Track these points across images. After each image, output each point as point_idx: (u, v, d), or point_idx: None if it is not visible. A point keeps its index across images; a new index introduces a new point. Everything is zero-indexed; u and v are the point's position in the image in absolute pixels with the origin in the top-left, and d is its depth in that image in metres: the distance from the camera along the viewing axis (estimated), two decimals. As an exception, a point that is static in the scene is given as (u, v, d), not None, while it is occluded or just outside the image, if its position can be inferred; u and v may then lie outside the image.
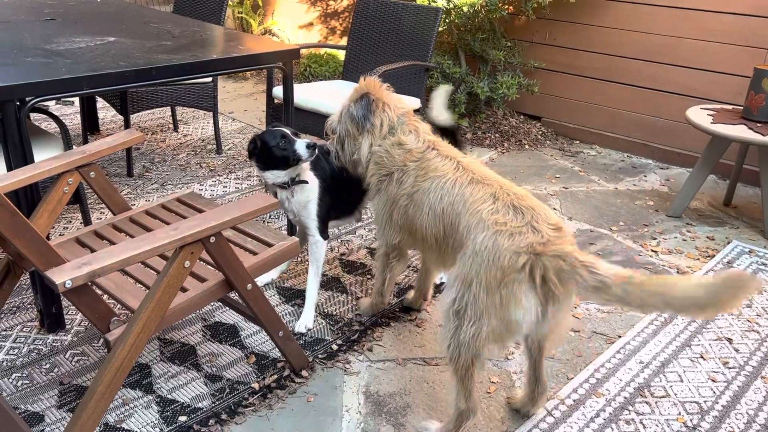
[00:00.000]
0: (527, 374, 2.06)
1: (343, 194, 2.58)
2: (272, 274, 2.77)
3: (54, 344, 2.35)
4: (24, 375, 2.19)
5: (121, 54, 2.47)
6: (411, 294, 2.67)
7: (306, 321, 2.49)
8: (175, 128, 4.67)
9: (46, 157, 2.12)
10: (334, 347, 2.39)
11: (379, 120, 2.18)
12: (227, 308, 2.56)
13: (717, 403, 2.18)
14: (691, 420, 2.10)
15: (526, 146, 4.60)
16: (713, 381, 2.28)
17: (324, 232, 2.53)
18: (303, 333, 2.46)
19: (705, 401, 2.18)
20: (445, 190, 1.96)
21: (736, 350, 2.45)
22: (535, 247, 1.68)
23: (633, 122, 4.52)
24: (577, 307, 2.69)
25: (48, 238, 2.19)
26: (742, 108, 3.47)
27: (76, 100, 5.00)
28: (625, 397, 2.19)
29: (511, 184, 1.92)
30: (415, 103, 3.53)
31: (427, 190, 2.02)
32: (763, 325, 2.60)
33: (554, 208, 3.59)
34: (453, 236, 1.91)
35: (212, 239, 1.77)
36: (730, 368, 2.35)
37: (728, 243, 3.28)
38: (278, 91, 3.40)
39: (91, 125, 4.39)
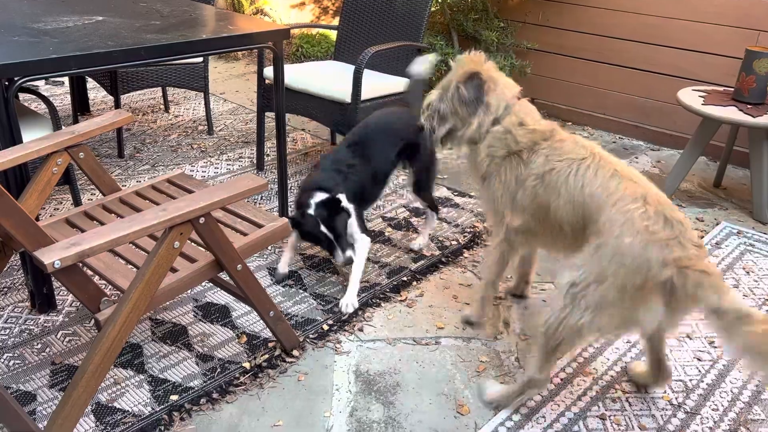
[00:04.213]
0: (649, 358, 2.09)
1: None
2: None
3: (45, 324, 2.36)
4: (15, 355, 2.20)
5: (109, 33, 2.45)
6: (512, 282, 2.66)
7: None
8: (166, 109, 4.64)
9: (35, 138, 2.12)
10: (325, 327, 2.41)
11: (495, 99, 2.12)
12: (219, 289, 2.57)
13: (702, 381, 2.21)
14: (676, 398, 2.13)
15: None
16: (699, 360, 2.31)
17: None
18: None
19: (690, 380, 2.21)
20: (587, 178, 1.91)
21: (722, 330, 2.48)
22: (682, 262, 1.70)
23: (625, 104, 4.52)
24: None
25: (38, 218, 2.19)
26: (733, 89, 3.47)
27: (66, 80, 4.96)
28: (612, 376, 2.22)
29: (657, 189, 1.89)
30: (407, 83, 3.52)
31: (565, 172, 1.96)
32: (750, 306, 2.63)
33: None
34: (590, 227, 1.88)
35: (201, 220, 1.77)
36: (716, 347, 2.38)
37: (717, 224, 3.30)
38: (269, 71, 3.38)
39: (81, 106, 4.36)
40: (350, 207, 2.57)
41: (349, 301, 2.47)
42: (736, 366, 2.28)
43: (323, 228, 2.45)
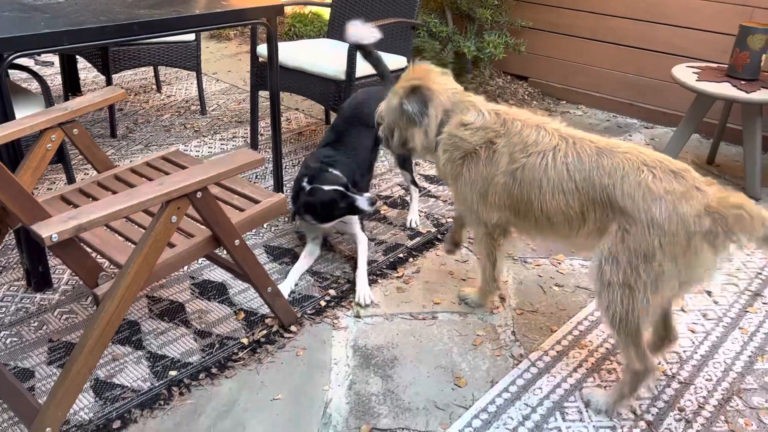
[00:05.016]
0: (655, 325, 2.07)
1: None
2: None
3: (42, 303, 2.35)
4: (12, 333, 2.20)
5: (101, 9, 2.42)
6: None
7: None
8: (158, 89, 4.61)
9: (28, 114, 2.10)
10: (323, 303, 2.42)
11: (432, 109, 2.12)
12: (215, 266, 2.57)
13: (696, 352, 2.24)
14: (670, 369, 2.15)
15: (513, 106, 4.59)
16: (692, 332, 2.34)
17: None
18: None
19: (684, 351, 2.24)
20: (571, 164, 1.89)
21: (716, 302, 2.50)
22: (711, 206, 1.73)
23: (619, 82, 4.52)
24: (561, 263, 2.73)
25: (32, 196, 2.17)
26: (727, 66, 3.48)
27: (57, 60, 4.91)
28: (607, 348, 2.24)
29: (642, 147, 1.90)
30: (401, 61, 3.51)
31: (540, 166, 1.93)
32: (742, 278, 2.66)
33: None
34: (596, 212, 1.87)
35: (198, 194, 1.77)
36: (709, 320, 2.41)
37: (710, 200, 3.32)
38: (262, 49, 3.35)
39: (72, 86, 4.31)
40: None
41: (364, 293, 2.44)
42: (730, 338, 2.31)
43: (327, 187, 2.41)
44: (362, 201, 2.45)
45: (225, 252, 2.02)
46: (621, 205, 1.80)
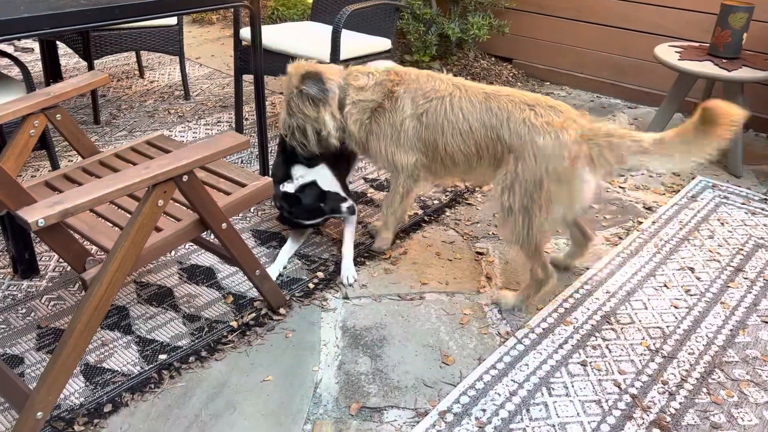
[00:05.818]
0: (571, 236, 2.45)
1: None
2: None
3: (29, 290, 2.35)
4: (0, 320, 2.19)
5: (81, -7, 2.39)
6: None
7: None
8: (141, 75, 4.56)
9: (9, 100, 2.08)
10: (311, 286, 2.43)
11: (328, 84, 2.28)
12: (203, 251, 2.58)
13: (679, 327, 2.28)
14: (654, 344, 2.20)
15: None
16: (676, 308, 2.38)
17: None
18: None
19: (667, 326, 2.28)
20: (465, 109, 2.16)
21: (698, 278, 2.55)
22: (587, 134, 2.00)
23: (602, 62, 4.54)
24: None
25: (16, 182, 2.15)
26: (708, 45, 3.50)
27: (37, 46, 4.84)
28: (592, 325, 2.28)
29: (521, 91, 2.17)
30: (385, 43, 3.50)
31: (440, 110, 2.19)
32: (724, 255, 2.70)
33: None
34: (488, 149, 2.14)
35: (185, 178, 1.77)
36: (691, 295, 2.45)
37: (693, 178, 3.36)
38: (246, 33, 3.32)
39: (53, 72, 4.24)
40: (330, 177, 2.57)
41: (348, 273, 2.46)
42: (712, 313, 2.35)
43: (305, 202, 2.45)
44: (344, 210, 2.50)
45: (213, 236, 2.02)
46: (509, 141, 2.05)
